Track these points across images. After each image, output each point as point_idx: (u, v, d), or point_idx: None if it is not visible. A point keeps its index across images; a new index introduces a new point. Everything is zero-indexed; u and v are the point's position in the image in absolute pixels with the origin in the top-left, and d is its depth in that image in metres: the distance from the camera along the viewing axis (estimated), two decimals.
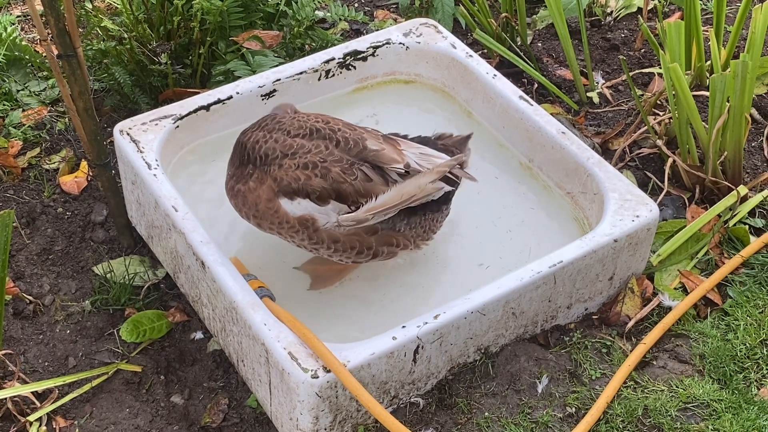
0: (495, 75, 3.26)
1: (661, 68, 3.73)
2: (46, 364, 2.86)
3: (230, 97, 3.16)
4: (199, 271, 2.72)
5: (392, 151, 2.69)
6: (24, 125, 3.56)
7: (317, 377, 2.41)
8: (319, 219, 2.63)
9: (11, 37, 3.75)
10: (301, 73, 3.27)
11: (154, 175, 2.86)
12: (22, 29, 4.09)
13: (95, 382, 2.79)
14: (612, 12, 4.15)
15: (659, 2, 3.99)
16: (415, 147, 2.76)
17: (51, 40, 2.91)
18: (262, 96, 3.20)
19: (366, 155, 2.67)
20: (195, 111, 3.11)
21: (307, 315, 2.64)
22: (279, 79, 3.22)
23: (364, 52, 3.38)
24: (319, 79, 3.32)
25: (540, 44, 4.02)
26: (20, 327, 2.93)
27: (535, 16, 4.14)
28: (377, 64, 3.41)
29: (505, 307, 2.66)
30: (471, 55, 3.34)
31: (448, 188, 2.73)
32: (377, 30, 3.96)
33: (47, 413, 2.71)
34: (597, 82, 3.79)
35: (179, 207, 2.78)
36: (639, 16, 4.08)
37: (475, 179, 2.82)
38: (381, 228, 2.69)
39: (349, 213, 2.63)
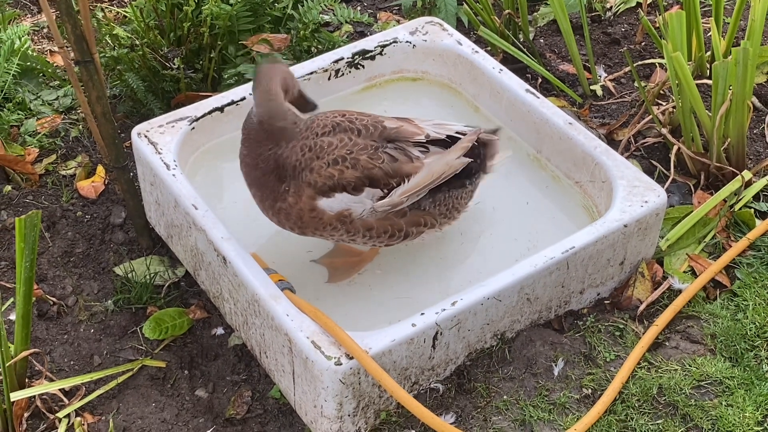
0: (501, 70, 3.33)
1: (662, 59, 3.82)
2: (72, 362, 2.93)
3: (243, 98, 3.23)
4: (221, 266, 2.78)
5: (410, 126, 2.81)
6: (39, 133, 3.63)
7: (341, 364, 2.47)
8: (354, 210, 2.71)
9: (24, 47, 3.82)
10: (311, 73, 3.34)
11: (173, 175, 2.93)
12: (32, 40, 4.16)
13: (121, 379, 2.86)
14: (611, 7, 4.23)
15: None
16: (428, 120, 2.87)
17: (67, 47, 2.98)
18: None
19: (388, 134, 2.77)
20: (210, 113, 3.18)
21: (326, 306, 2.70)
22: None
23: (372, 51, 3.45)
24: (329, 79, 3.39)
25: (542, 40, 4.10)
26: (45, 328, 3.00)
27: (536, 13, 4.22)
28: (385, 62, 3.48)
29: (520, 292, 2.73)
30: (477, 51, 3.41)
31: (467, 160, 2.81)
32: (381, 32, 4.03)
33: (75, 410, 2.77)
34: (600, 76, 3.86)
35: (199, 205, 2.84)
36: (639, 10, 4.16)
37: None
38: (409, 209, 2.78)
39: (382, 198, 2.71)
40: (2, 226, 3.29)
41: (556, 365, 2.77)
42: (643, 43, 4.03)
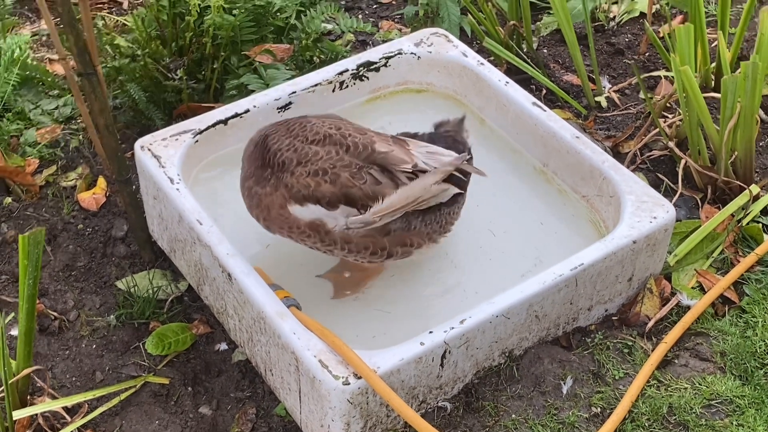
0: (507, 82, 3.31)
1: (667, 71, 3.80)
2: (74, 379, 2.89)
3: (247, 111, 3.19)
4: (226, 282, 2.75)
5: (401, 152, 2.75)
6: (39, 144, 3.59)
7: (348, 384, 2.44)
8: (327, 222, 2.68)
9: (23, 57, 3.78)
10: (315, 85, 3.31)
11: (177, 189, 2.90)
12: (31, 48, 4.12)
13: (123, 396, 2.82)
14: (615, 17, 4.21)
15: (664, 6, 4.04)
16: (423, 146, 2.82)
17: (68, 56, 2.95)
18: (278, 108, 3.24)
19: (375, 158, 2.72)
20: (213, 125, 3.15)
21: (332, 323, 2.67)
22: (294, 92, 3.26)
23: (376, 62, 3.42)
24: (333, 91, 3.36)
25: (545, 51, 4.07)
26: (46, 343, 2.96)
27: (539, 22, 4.19)
28: (390, 74, 3.45)
29: (528, 310, 2.70)
30: (482, 63, 3.39)
31: (455, 190, 2.78)
32: (383, 41, 4.01)
33: (78, 427, 2.74)
34: (604, 87, 3.83)
35: (204, 220, 2.81)
36: (644, 20, 4.13)
37: (483, 173, 2.87)
38: (394, 228, 2.74)
39: (357, 216, 2.67)
40: (2, 239, 3.25)
41: (564, 383, 2.74)
42: (647, 54, 4.01)
